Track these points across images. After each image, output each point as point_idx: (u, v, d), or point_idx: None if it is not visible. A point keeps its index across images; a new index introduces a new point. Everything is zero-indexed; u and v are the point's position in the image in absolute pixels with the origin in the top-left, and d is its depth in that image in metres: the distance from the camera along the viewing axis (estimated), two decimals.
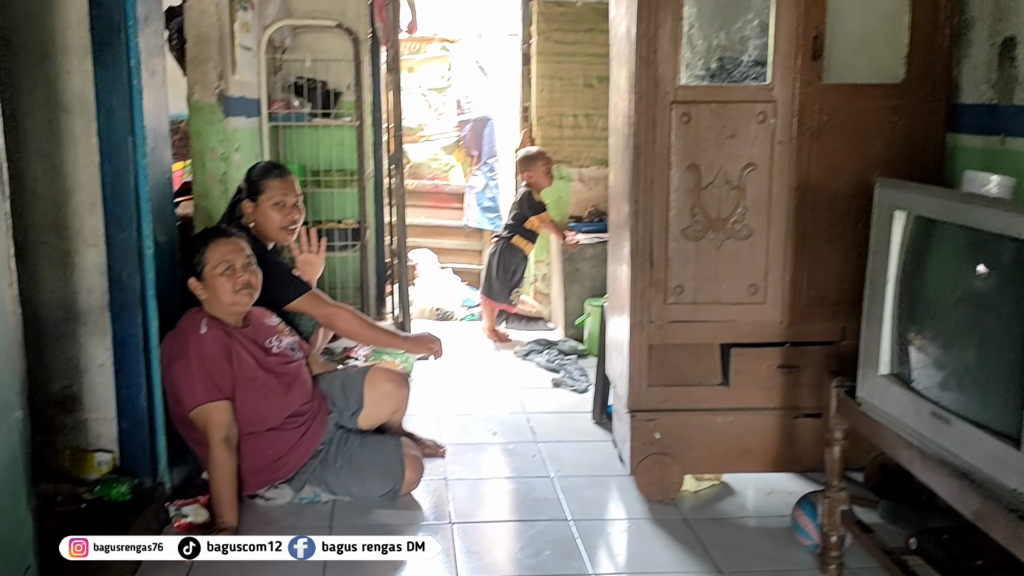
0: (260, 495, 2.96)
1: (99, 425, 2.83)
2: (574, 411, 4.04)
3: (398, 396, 3.27)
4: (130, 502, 2.71)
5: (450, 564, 2.60)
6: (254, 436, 2.87)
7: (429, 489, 3.15)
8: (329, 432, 3.04)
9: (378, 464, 3.00)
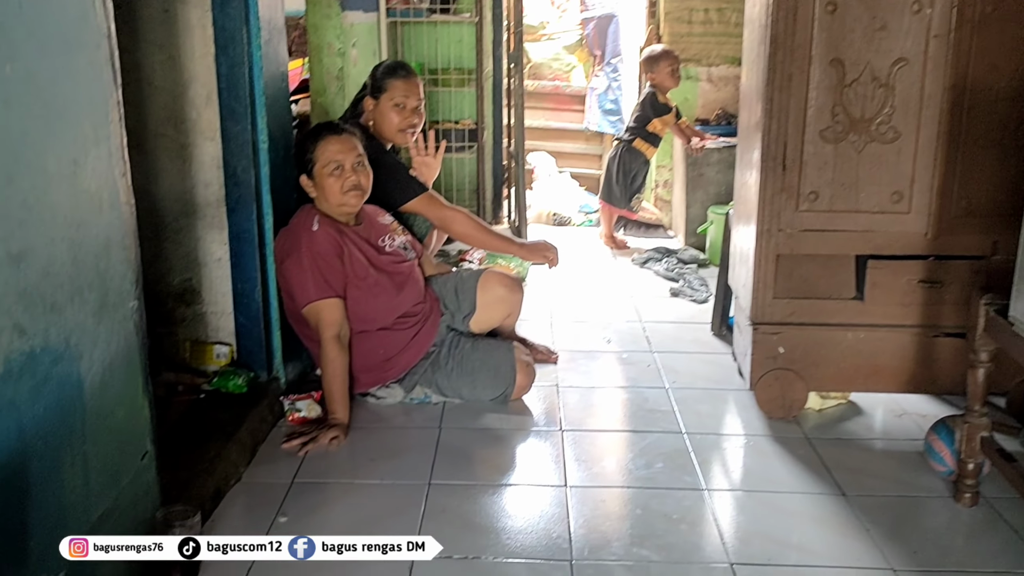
0: (371, 394, 2.97)
1: (217, 318, 2.87)
2: (692, 322, 3.90)
3: (511, 300, 3.20)
4: (246, 394, 2.77)
5: (559, 472, 2.56)
6: (365, 335, 2.86)
7: (540, 395, 3.09)
8: (441, 334, 3.00)
9: (489, 368, 2.95)
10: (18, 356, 1.41)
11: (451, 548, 2.15)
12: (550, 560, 2.13)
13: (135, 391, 1.87)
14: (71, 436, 1.60)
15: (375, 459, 2.61)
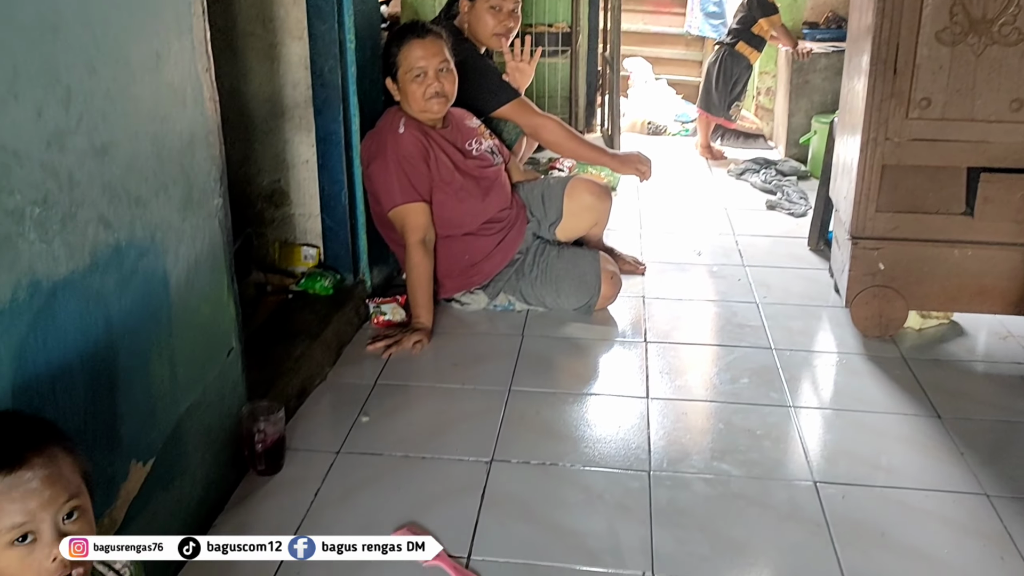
0: (455, 299, 2.97)
1: (305, 220, 2.90)
2: (788, 236, 3.77)
3: (599, 209, 3.13)
4: (332, 296, 2.80)
5: (641, 383, 2.53)
6: (451, 240, 2.84)
7: (625, 306, 3.04)
8: (526, 241, 2.97)
9: (574, 277, 2.91)
10: (104, 249, 1.44)
11: (529, 454, 2.16)
12: (628, 470, 2.11)
13: (220, 288, 1.90)
14: (158, 330, 1.63)
15: (457, 364, 2.62)
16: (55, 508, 1.01)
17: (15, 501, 0.98)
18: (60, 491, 1.02)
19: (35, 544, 1.00)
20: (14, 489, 0.99)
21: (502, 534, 1.89)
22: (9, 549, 0.98)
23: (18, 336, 1.23)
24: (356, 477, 2.07)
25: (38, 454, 1.02)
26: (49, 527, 1.01)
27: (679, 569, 1.79)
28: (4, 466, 0.98)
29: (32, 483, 1.00)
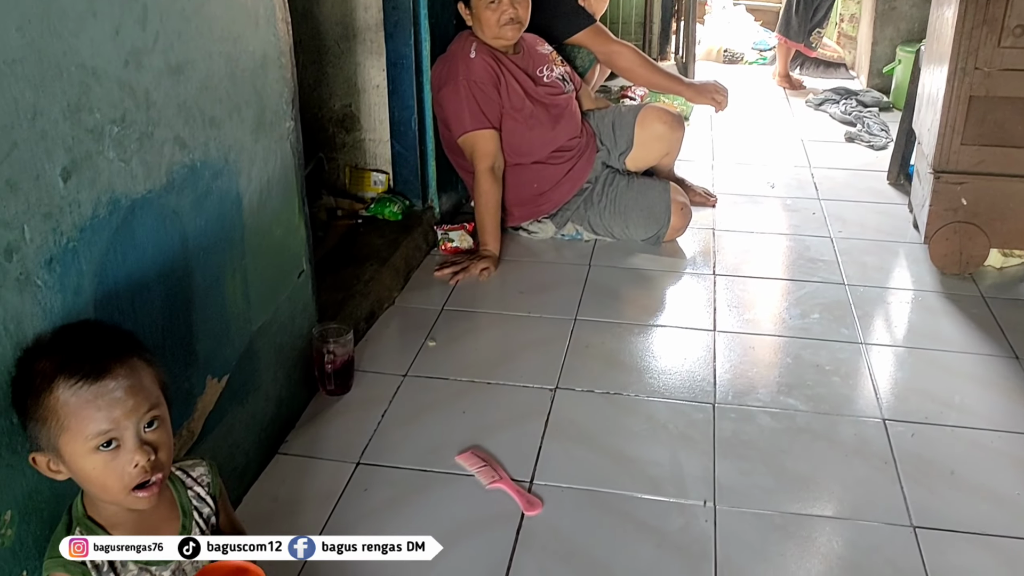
0: (523, 228, 2.97)
1: (375, 146, 2.91)
2: (867, 169, 3.65)
3: (671, 138, 3.06)
4: (401, 222, 2.82)
5: (708, 316, 2.50)
6: (520, 168, 2.82)
7: (695, 238, 3.00)
8: (596, 171, 2.93)
9: (643, 207, 2.87)
10: (179, 168, 1.46)
11: (593, 383, 2.17)
12: (692, 401, 2.11)
13: (292, 210, 1.92)
14: (231, 250, 1.66)
15: (524, 292, 2.63)
16: (137, 417, 1.05)
17: (101, 409, 1.03)
18: (142, 401, 1.06)
19: (118, 450, 1.04)
20: (100, 398, 1.03)
21: (565, 460, 1.91)
22: (94, 454, 1.03)
23: (99, 252, 1.27)
24: (422, 400, 2.11)
25: (121, 364, 1.06)
26: (132, 435, 1.05)
27: (741, 500, 1.79)
28: (90, 375, 1.02)
29: (116, 392, 1.04)
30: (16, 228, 1.10)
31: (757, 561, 1.64)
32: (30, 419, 1.05)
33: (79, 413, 1.02)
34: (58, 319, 1.18)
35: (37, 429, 1.04)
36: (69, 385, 1.02)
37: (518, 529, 1.71)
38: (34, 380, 1.04)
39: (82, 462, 1.04)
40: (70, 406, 1.02)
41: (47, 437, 1.03)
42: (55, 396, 1.02)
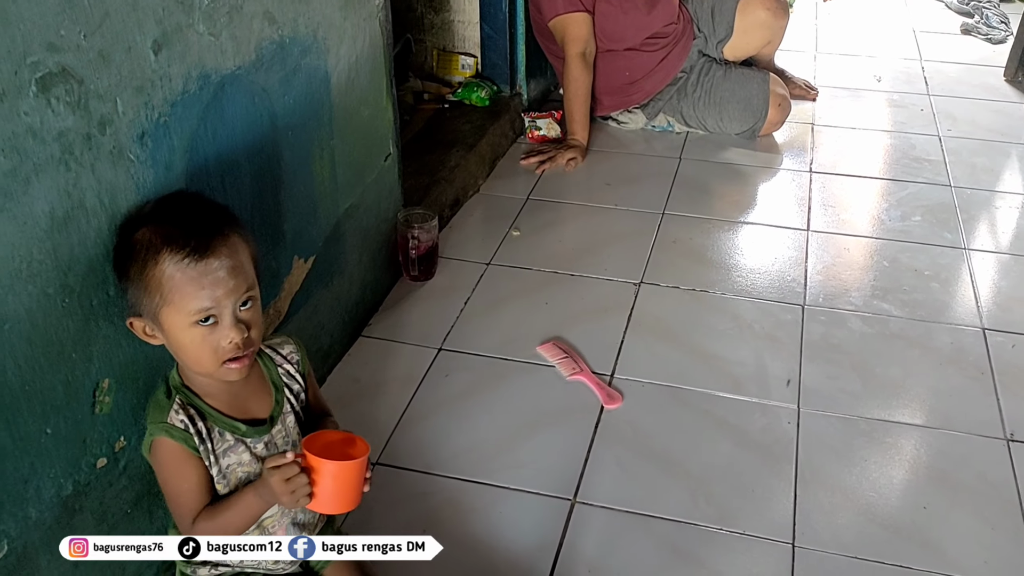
0: (612, 117, 2.88)
1: (464, 28, 2.83)
2: (983, 64, 3.42)
3: (774, 27, 2.90)
4: (488, 108, 2.76)
5: (802, 214, 2.41)
6: (612, 55, 2.72)
7: (792, 133, 2.87)
8: (691, 59, 2.80)
9: (739, 99, 2.75)
10: (268, 45, 1.43)
11: (679, 279, 2.13)
12: (780, 302, 2.05)
13: (379, 91, 1.89)
14: (319, 129, 1.65)
15: (611, 184, 2.57)
16: (236, 297, 1.06)
17: (204, 288, 1.04)
18: (241, 282, 1.07)
19: (215, 326, 1.06)
20: (204, 276, 1.04)
21: (646, 355, 1.89)
22: (193, 328, 1.05)
23: (190, 127, 1.26)
24: (505, 289, 2.10)
25: (224, 242, 1.06)
26: (229, 313, 1.06)
27: (827, 404, 1.75)
28: (196, 252, 1.03)
29: (219, 272, 1.05)
30: (109, 101, 1.10)
31: (839, 465, 1.62)
32: (132, 285, 1.06)
33: (183, 289, 1.03)
34: (150, 194, 1.18)
35: (139, 297, 1.06)
36: (175, 261, 1.03)
37: (597, 422, 1.72)
38: (137, 248, 1.05)
39: (180, 334, 1.06)
40: (175, 281, 1.03)
41: (149, 306, 1.05)
42: (160, 269, 1.03)
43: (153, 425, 1.11)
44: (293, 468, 1.06)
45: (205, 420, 1.12)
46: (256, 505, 1.12)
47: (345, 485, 1.08)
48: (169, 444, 1.10)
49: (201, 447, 1.11)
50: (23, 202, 0.99)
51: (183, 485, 1.12)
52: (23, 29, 0.95)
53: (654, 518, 1.51)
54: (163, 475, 1.13)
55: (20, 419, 1.05)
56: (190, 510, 1.13)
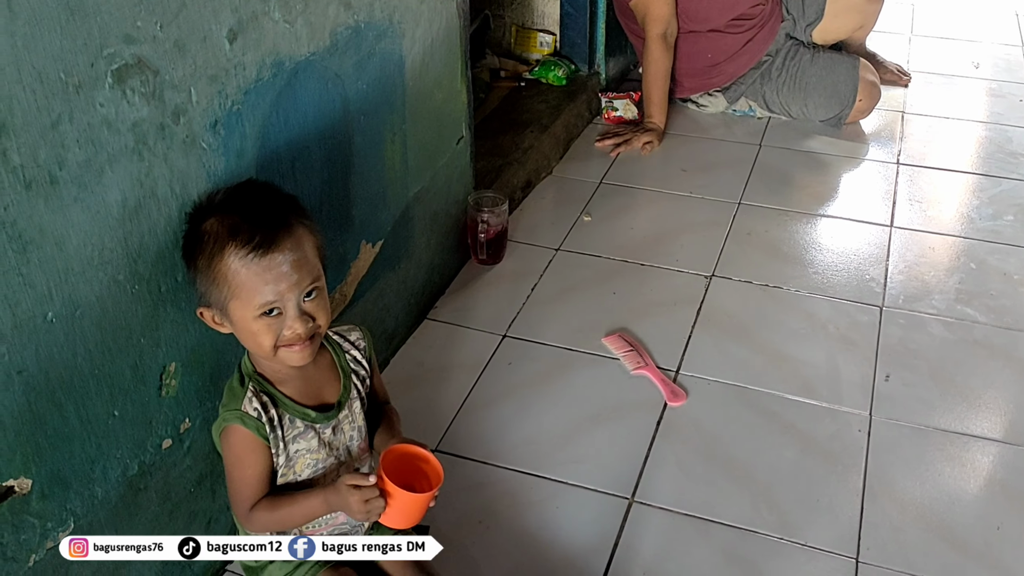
0: (692, 100, 2.81)
1: (544, 4, 2.79)
2: None
3: (867, 11, 2.77)
4: (564, 87, 2.72)
5: (886, 209, 2.32)
6: (694, 36, 2.64)
7: (880, 121, 2.76)
8: (778, 42, 2.70)
9: (827, 85, 2.65)
10: (343, 30, 1.43)
11: (752, 273, 2.08)
12: (858, 302, 1.98)
13: (454, 75, 1.87)
14: (392, 114, 1.64)
15: (687, 170, 2.51)
16: (300, 290, 1.07)
17: (268, 283, 1.05)
18: (305, 275, 1.07)
19: (280, 317, 1.07)
20: (268, 271, 1.04)
21: (714, 352, 1.85)
22: (258, 319, 1.06)
23: (262, 114, 1.27)
24: (573, 276, 2.08)
25: (289, 235, 1.07)
26: (293, 305, 1.07)
27: (901, 413, 1.69)
28: (260, 247, 1.04)
29: (283, 267, 1.05)
30: (183, 90, 1.11)
31: (910, 478, 1.57)
32: (200, 276, 1.08)
33: (248, 284, 1.04)
34: (221, 182, 1.19)
35: (207, 288, 1.07)
36: (240, 256, 1.03)
37: (659, 419, 1.69)
38: (204, 239, 1.06)
39: (247, 325, 1.07)
40: (240, 276, 1.04)
41: (217, 298, 1.07)
42: (226, 263, 1.04)
43: (227, 411, 1.12)
44: (374, 491, 1.08)
45: (277, 407, 1.14)
46: (321, 509, 1.14)
47: (415, 509, 1.11)
48: (241, 432, 1.11)
49: (272, 435, 1.12)
50: (96, 192, 1.01)
51: (247, 472, 1.14)
52: (100, 21, 0.96)
53: (713, 523, 1.49)
54: (230, 460, 1.15)
55: (89, 402, 1.07)
56: (250, 497, 1.15)
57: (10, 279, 0.93)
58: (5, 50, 0.87)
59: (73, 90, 0.95)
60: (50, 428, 1.03)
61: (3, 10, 0.86)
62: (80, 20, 0.94)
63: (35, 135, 0.92)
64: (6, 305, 0.93)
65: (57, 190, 0.96)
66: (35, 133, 0.92)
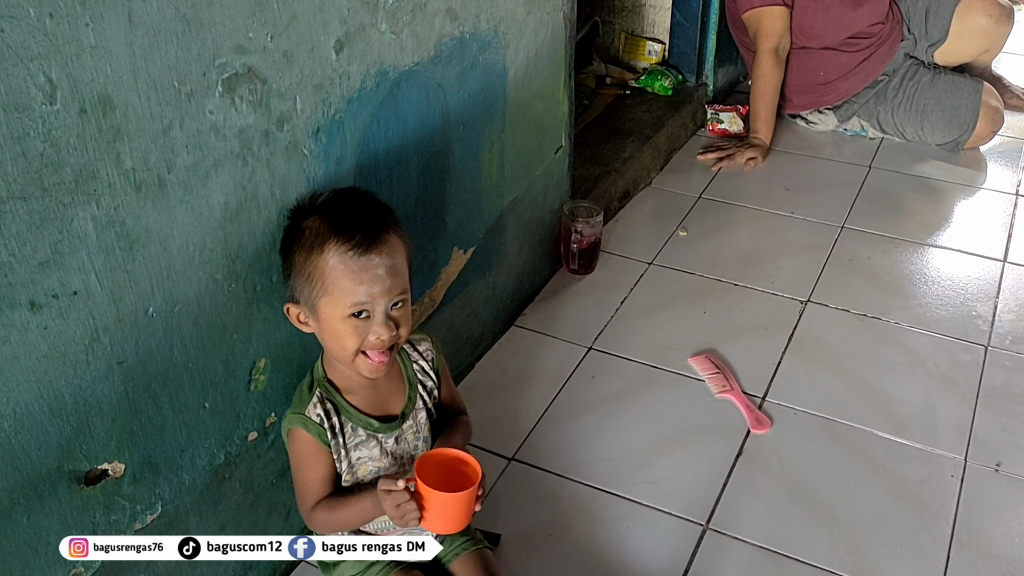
0: (802, 116, 2.74)
1: (654, 12, 2.76)
2: None
3: (995, 34, 2.64)
4: (670, 97, 2.69)
5: (1001, 242, 2.22)
6: (807, 52, 2.57)
7: (1001, 149, 2.64)
8: (896, 62, 2.61)
9: (946, 108, 2.54)
10: (448, 41, 1.45)
11: (851, 301, 2.02)
12: (961, 340, 1.90)
13: (556, 85, 1.87)
14: (491, 123, 1.65)
15: (790, 189, 2.45)
16: (390, 297, 1.10)
17: (363, 283, 1.08)
18: (397, 283, 1.10)
19: (367, 321, 1.10)
20: (364, 271, 1.08)
21: (804, 381, 1.81)
22: (346, 320, 1.09)
23: (363, 123, 1.30)
24: (664, 292, 2.06)
25: (385, 241, 1.10)
26: (381, 311, 1.10)
27: (999, 459, 1.62)
28: (360, 246, 1.07)
29: (379, 270, 1.08)
30: (289, 99, 1.14)
31: (1002, 529, 1.50)
32: (295, 271, 1.11)
33: (343, 282, 1.07)
34: (320, 187, 1.23)
35: (300, 283, 1.10)
36: (340, 252, 1.07)
37: (741, 446, 1.66)
38: (305, 234, 1.10)
39: (334, 324, 1.10)
40: (337, 272, 1.07)
41: (308, 294, 1.10)
42: (324, 259, 1.07)
43: (293, 414, 1.16)
44: (403, 495, 1.09)
45: (340, 415, 1.17)
46: (371, 512, 1.16)
47: (454, 511, 1.10)
48: (303, 435, 1.15)
49: (333, 441, 1.16)
50: (201, 195, 1.05)
51: (310, 474, 1.17)
52: (214, 32, 1.00)
53: (789, 558, 1.45)
54: (295, 461, 1.19)
55: (182, 394, 1.12)
56: (312, 498, 1.18)
57: (116, 276, 0.98)
58: (123, 60, 0.91)
59: (185, 98, 0.99)
60: (144, 416, 1.08)
61: (123, 22, 0.90)
62: (195, 31, 0.98)
63: (147, 140, 0.96)
64: (111, 300, 0.98)
65: (164, 192, 1.00)
66: (147, 138, 0.96)
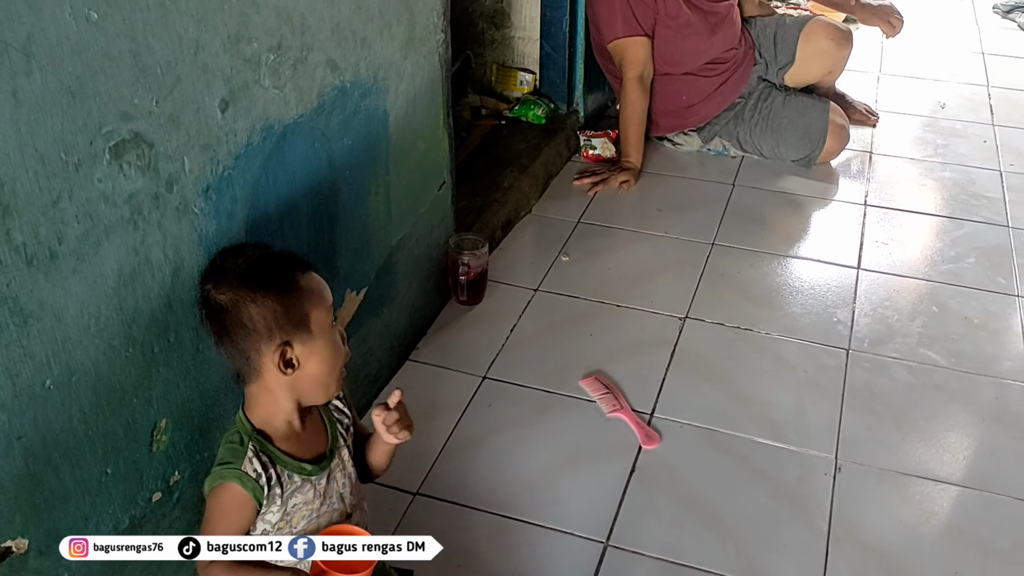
0: (668, 138, 2.88)
1: (523, 44, 2.85)
2: None
3: (836, 56, 2.86)
4: (544, 126, 2.78)
5: (853, 251, 2.39)
6: (669, 78, 2.71)
7: (849, 162, 2.84)
8: (750, 85, 2.78)
9: (798, 127, 2.73)
10: (330, 91, 1.48)
11: (725, 315, 2.14)
12: (825, 345, 2.05)
13: (436, 124, 1.92)
14: (376, 167, 1.69)
15: (663, 209, 2.58)
16: None
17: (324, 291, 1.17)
18: None
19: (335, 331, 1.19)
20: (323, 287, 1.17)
21: (687, 395, 1.91)
22: (332, 329, 1.18)
23: (252, 177, 1.31)
24: (551, 317, 2.14)
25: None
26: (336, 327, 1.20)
27: (865, 456, 1.76)
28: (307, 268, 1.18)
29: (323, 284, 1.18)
30: (177, 160, 1.15)
31: (873, 522, 1.63)
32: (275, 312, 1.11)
33: (321, 291, 1.16)
34: (212, 244, 1.24)
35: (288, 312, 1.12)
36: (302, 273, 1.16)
37: (634, 462, 1.75)
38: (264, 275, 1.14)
39: (327, 335, 1.16)
40: (312, 284, 1.16)
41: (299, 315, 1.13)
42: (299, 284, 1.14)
43: (226, 469, 1.14)
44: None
45: (275, 466, 1.17)
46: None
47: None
48: (236, 490, 1.14)
49: (270, 493, 1.16)
50: (94, 263, 1.05)
51: (224, 529, 1.16)
52: (99, 102, 1.01)
53: (684, 566, 1.54)
54: (215, 515, 1.18)
55: (83, 462, 1.11)
56: None
57: (11, 351, 0.97)
58: (9, 136, 0.91)
59: (73, 168, 1.00)
60: (47, 489, 1.07)
61: (8, 100, 0.90)
62: (80, 102, 0.99)
63: (36, 213, 0.96)
64: (7, 376, 0.97)
65: (56, 264, 1.00)
66: (36, 212, 0.96)
